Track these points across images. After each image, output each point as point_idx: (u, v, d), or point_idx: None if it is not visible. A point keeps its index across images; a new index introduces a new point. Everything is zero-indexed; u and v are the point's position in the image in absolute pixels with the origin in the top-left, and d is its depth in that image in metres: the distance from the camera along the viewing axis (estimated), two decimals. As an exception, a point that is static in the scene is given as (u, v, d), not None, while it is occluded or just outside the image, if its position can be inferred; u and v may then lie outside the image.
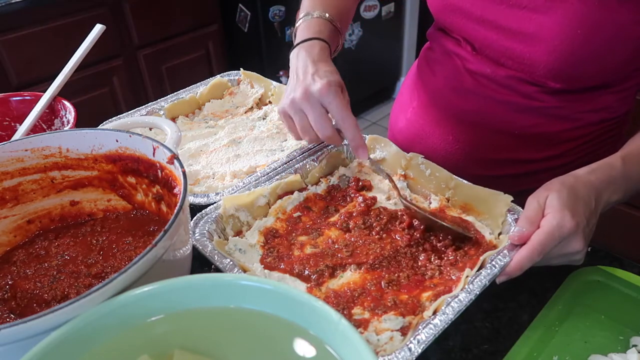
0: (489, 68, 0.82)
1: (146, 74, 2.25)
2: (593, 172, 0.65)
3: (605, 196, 0.64)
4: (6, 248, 0.63)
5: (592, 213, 0.62)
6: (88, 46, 0.82)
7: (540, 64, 0.74)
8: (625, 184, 0.66)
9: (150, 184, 0.62)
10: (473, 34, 0.80)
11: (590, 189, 0.63)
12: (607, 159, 0.68)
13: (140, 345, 0.42)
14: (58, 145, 0.62)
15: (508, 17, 0.74)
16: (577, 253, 0.60)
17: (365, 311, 0.58)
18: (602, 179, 0.64)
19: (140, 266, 0.42)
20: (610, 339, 0.58)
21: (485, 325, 0.62)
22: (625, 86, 0.80)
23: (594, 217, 0.62)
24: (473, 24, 0.79)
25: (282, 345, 0.42)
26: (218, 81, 1.05)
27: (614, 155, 0.68)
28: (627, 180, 0.66)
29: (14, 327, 0.37)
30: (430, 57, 0.94)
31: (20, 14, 1.80)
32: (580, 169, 0.66)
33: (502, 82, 0.81)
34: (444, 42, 0.88)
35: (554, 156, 0.87)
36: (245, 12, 2.38)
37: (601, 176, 0.65)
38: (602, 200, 0.64)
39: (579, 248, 0.60)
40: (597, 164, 0.67)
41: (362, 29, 2.75)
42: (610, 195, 0.65)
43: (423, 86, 0.95)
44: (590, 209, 0.61)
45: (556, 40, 0.71)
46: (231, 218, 0.70)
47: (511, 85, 0.81)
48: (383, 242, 0.67)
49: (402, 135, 1.01)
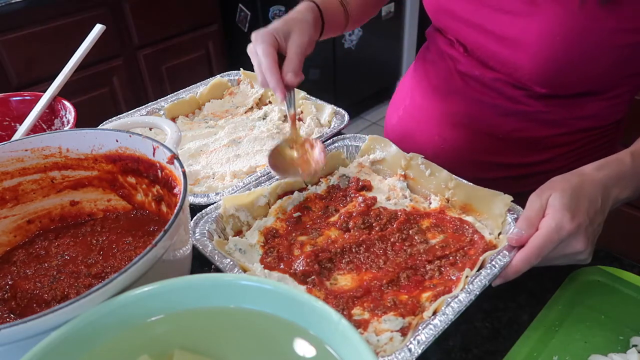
0: (478, 70, 0.82)
1: (146, 74, 2.25)
2: (601, 169, 0.63)
3: (614, 193, 0.63)
4: (6, 248, 0.63)
5: (598, 212, 0.60)
6: (88, 46, 0.82)
7: (524, 69, 0.75)
8: (635, 180, 0.64)
9: (150, 184, 0.62)
10: (464, 36, 0.81)
11: (597, 187, 0.61)
12: (616, 154, 0.66)
13: (140, 345, 0.42)
14: (58, 145, 0.62)
15: (493, 21, 0.75)
16: (579, 253, 0.59)
17: (365, 312, 0.58)
18: (610, 175, 0.63)
19: (140, 266, 0.42)
20: (610, 339, 0.58)
21: (485, 325, 0.62)
22: (615, 94, 0.79)
23: (600, 215, 0.61)
24: (463, 27, 0.80)
25: (282, 345, 0.42)
26: (218, 81, 1.05)
27: (623, 151, 0.67)
28: (636, 175, 0.64)
29: (14, 327, 0.37)
30: (426, 56, 0.95)
31: (20, 14, 1.80)
32: (588, 165, 0.64)
33: (489, 84, 0.82)
34: (440, 42, 0.89)
35: (541, 161, 0.86)
36: (245, 12, 2.38)
37: (609, 172, 0.63)
38: (610, 197, 0.62)
39: (580, 248, 0.59)
40: (605, 160, 0.65)
41: (362, 29, 2.75)
42: (619, 192, 0.63)
43: (417, 85, 0.96)
44: (596, 208, 0.60)
45: (536, 46, 0.71)
46: (231, 218, 0.70)
47: (498, 88, 0.81)
48: (384, 242, 0.67)
49: (394, 132, 1.02)
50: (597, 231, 0.61)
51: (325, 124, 0.91)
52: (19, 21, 1.81)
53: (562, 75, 0.73)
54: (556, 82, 0.75)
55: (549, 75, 0.73)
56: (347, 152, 0.83)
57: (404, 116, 0.99)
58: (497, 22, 0.74)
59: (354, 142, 0.83)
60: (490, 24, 0.75)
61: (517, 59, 0.74)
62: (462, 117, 0.87)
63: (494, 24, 0.75)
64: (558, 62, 0.71)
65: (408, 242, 0.67)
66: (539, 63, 0.72)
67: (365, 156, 0.81)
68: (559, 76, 0.73)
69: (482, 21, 0.76)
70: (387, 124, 1.07)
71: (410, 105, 0.97)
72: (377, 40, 2.88)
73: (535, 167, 0.87)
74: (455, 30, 0.82)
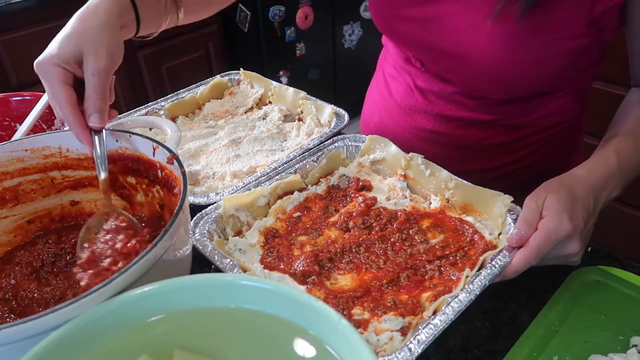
0: (437, 85, 0.83)
1: (146, 74, 2.24)
2: (591, 172, 0.65)
3: (604, 195, 0.64)
4: (6, 248, 0.63)
5: (591, 214, 0.62)
6: (88, 46, 0.82)
7: (478, 81, 0.76)
8: (622, 178, 0.66)
9: (150, 184, 0.62)
10: (418, 54, 0.82)
11: (589, 191, 0.63)
12: (601, 154, 0.68)
13: (140, 345, 0.42)
14: (58, 145, 0.62)
15: (443, 40, 0.76)
16: (573, 255, 0.61)
17: (365, 311, 0.58)
18: (600, 177, 0.64)
19: (140, 266, 0.42)
20: (610, 339, 0.58)
21: (485, 325, 0.62)
22: (572, 89, 0.81)
23: (592, 218, 0.62)
24: (415, 46, 0.81)
25: (282, 345, 0.42)
26: (218, 81, 1.05)
27: (607, 149, 0.68)
28: (623, 173, 0.66)
29: (14, 327, 0.37)
30: (385, 70, 0.96)
31: (20, 14, 1.80)
32: (578, 168, 0.66)
33: (450, 97, 0.83)
34: (396, 55, 0.90)
35: (514, 161, 0.88)
36: (245, 12, 2.38)
37: (599, 175, 0.65)
38: (600, 201, 0.64)
39: (575, 250, 0.60)
40: (593, 161, 0.67)
41: (362, 29, 2.75)
42: (609, 193, 0.65)
43: (381, 102, 0.97)
44: (589, 211, 0.61)
45: (485, 60, 0.72)
46: (231, 218, 0.70)
47: (459, 101, 0.83)
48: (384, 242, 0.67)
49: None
50: (589, 234, 0.63)
51: (325, 124, 0.91)
52: (19, 21, 1.81)
53: (515, 83, 0.75)
54: (511, 89, 0.77)
55: (503, 84, 0.75)
56: (347, 152, 0.83)
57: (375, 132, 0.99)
58: (447, 41, 0.75)
59: (354, 142, 0.83)
60: (442, 43, 0.76)
61: (470, 72, 0.76)
62: (428, 133, 0.89)
63: (444, 43, 0.76)
64: (507, 73, 0.73)
65: (408, 242, 0.67)
66: (490, 75, 0.74)
67: (365, 156, 0.81)
68: (511, 84, 0.75)
69: (433, 40, 0.77)
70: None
71: (379, 121, 0.98)
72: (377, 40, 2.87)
73: (509, 166, 0.89)
74: (409, 48, 0.84)
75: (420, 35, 0.78)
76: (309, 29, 2.53)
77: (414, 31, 0.78)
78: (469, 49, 0.73)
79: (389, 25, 0.83)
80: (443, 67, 0.80)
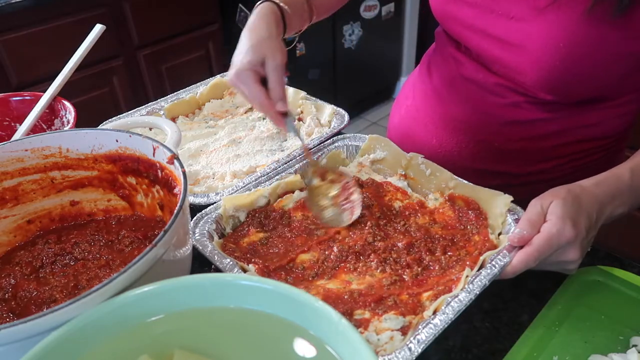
0: (481, 74, 0.81)
1: (146, 74, 2.24)
2: (599, 185, 0.64)
3: (608, 210, 0.63)
4: (6, 248, 0.63)
5: (592, 226, 0.61)
6: (88, 46, 0.82)
7: (527, 75, 0.74)
8: (632, 196, 0.65)
9: (150, 184, 0.62)
10: (468, 40, 0.80)
11: (594, 203, 0.62)
12: (615, 169, 0.66)
13: (140, 345, 0.42)
14: (58, 145, 0.62)
15: (496, 26, 0.74)
16: (571, 262, 0.61)
17: (366, 311, 0.58)
18: (607, 192, 0.63)
19: (140, 266, 0.42)
20: (610, 339, 0.58)
21: (485, 325, 0.62)
22: (623, 101, 0.77)
23: (593, 230, 0.62)
24: (467, 32, 0.79)
25: (282, 345, 0.42)
26: (218, 81, 1.05)
27: (622, 166, 0.66)
28: (634, 192, 0.65)
29: (14, 327, 0.37)
30: (431, 57, 0.94)
31: (20, 14, 1.80)
32: (587, 179, 0.65)
33: (492, 89, 0.80)
34: (446, 44, 0.88)
35: (535, 172, 0.86)
36: (245, 12, 2.38)
37: (607, 189, 0.63)
38: (603, 214, 0.63)
39: (574, 258, 0.60)
40: (604, 175, 0.65)
41: (362, 29, 2.75)
42: (614, 209, 0.64)
43: (419, 86, 0.96)
44: (591, 223, 0.61)
45: (539, 53, 0.70)
46: (231, 218, 0.70)
47: (500, 94, 0.80)
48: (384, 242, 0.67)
49: (395, 132, 1.02)
50: (589, 245, 0.63)
51: (325, 124, 0.91)
52: (19, 21, 1.81)
53: (568, 83, 0.72)
54: (561, 89, 0.73)
55: (553, 82, 0.72)
56: (347, 152, 0.83)
57: (405, 116, 0.99)
58: (500, 27, 0.73)
59: (354, 142, 0.83)
60: (493, 29, 0.74)
61: (520, 64, 0.73)
62: (460, 123, 0.86)
63: (497, 29, 0.74)
64: (562, 70, 0.70)
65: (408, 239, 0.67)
66: (543, 70, 0.71)
67: (365, 156, 0.81)
68: (563, 83, 0.72)
69: (486, 26, 0.75)
70: (390, 123, 1.07)
71: (412, 105, 0.97)
72: (377, 40, 2.88)
73: (528, 177, 0.87)
74: (459, 34, 0.81)
75: (476, 20, 0.76)
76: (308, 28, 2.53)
77: (470, 16, 0.77)
78: (526, 39, 0.71)
79: (447, 8, 0.80)
80: (491, 56, 0.77)
